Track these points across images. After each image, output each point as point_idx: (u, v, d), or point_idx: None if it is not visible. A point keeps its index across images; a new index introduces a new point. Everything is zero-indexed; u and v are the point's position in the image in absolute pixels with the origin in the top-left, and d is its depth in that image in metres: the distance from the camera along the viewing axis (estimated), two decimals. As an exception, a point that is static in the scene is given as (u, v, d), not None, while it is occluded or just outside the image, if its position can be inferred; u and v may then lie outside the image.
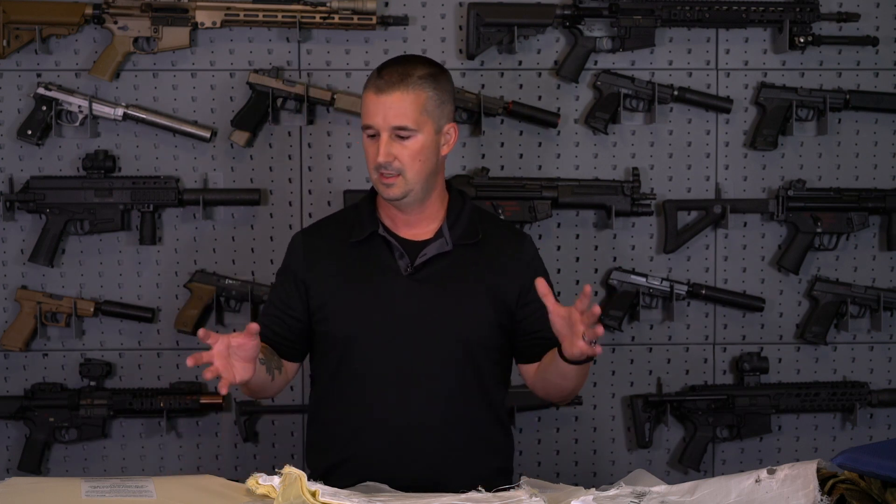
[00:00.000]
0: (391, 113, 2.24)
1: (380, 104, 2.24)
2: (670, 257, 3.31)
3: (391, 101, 2.24)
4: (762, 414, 3.28)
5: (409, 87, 2.25)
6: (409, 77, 2.26)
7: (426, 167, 2.28)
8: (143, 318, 3.21)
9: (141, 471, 3.22)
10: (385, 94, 2.24)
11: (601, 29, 3.23)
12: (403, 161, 2.25)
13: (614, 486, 1.85)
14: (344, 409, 2.34)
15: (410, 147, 2.25)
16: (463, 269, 2.32)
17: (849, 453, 1.70)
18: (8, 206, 3.14)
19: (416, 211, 2.33)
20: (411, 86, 2.25)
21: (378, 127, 2.25)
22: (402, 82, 2.25)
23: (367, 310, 2.30)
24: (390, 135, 2.24)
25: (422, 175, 2.28)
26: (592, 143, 3.28)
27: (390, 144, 2.24)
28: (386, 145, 2.24)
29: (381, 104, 2.24)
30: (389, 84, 2.25)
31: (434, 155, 2.30)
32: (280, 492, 1.79)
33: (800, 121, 3.27)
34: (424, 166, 2.27)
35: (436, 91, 2.28)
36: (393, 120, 2.24)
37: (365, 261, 2.33)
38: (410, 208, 2.32)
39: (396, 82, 2.25)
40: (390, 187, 2.26)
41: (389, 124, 2.24)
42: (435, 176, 2.32)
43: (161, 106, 3.20)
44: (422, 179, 2.28)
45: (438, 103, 2.29)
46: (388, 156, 2.24)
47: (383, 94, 2.24)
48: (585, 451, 3.34)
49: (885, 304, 3.30)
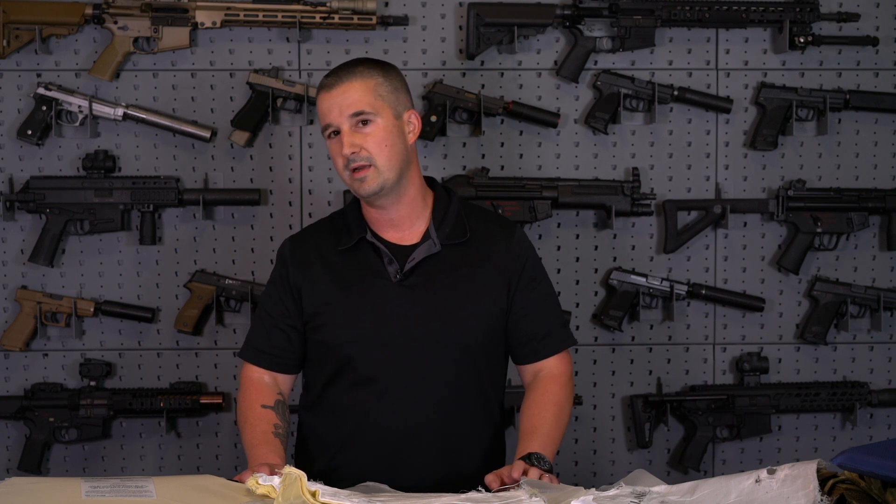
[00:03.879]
0: (345, 102, 2.23)
1: (332, 99, 2.25)
2: (670, 257, 3.31)
3: (342, 92, 2.24)
4: (762, 414, 3.28)
5: (356, 75, 2.26)
6: (356, 68, 2.28)
7: (395, 154, 2.26)
8: (143, 318, 3.21)
9: (141, 471, 3.22)
10: (335, 88, 2.25)
11: (601, 29, 3.23)
12: (370, 149, 2.23)
13: (614, 486, 1.85)
14: (338, 416, 2.33)
15: (373, 134, 2.24)
16: (453, 270, 2.31)
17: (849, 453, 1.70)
18: (8, 206, 3.14)
19: (396, 208, 2.30)
20: (358, 74, 2.26)
21: (336, 121, 2.24)
22: (349, 74, 2.27)
23: (359, 318, 2.29)
24: (350, 126, 2.23)
25: (392, 162, 2.25)
26: (592, 143, 3.28)
27: (353, 135, 2.23)
28: (349, 136, 2.23)
29: (333, 99, 2.24)
30: (338, 79, 2.26)
31: (400, 141, 2.27)
32: (280, 492, 1.79)
33: (800, 121, 3.27)
34: (393, 152, 2.25)
35: (385, 78, 2.29)
36: (348, 108, 2.23)
37: (355, 268, 2.31)
38: (390, 205, 2.29)
39: (344, 75, 2.26)
40: (364, 181, 2.24)
41: (346, 113, 2.23)
42: (408, 166, 2.30)
43: (161, 106, 3.20)
44: (394, 167, 2.26)
45: (391, 89, 2.28)
46: (352, 146, 2.22)
47: (334, 88, 2.25)
48: (585, 451, 3.34)
49: (885, 304, 3.31)
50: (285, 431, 2.31)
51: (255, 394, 2.34)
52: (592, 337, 3.31)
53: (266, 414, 2.31)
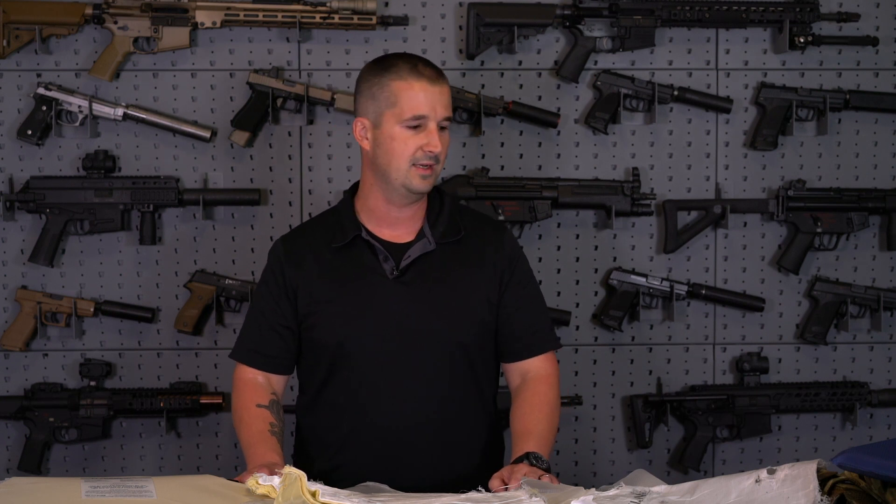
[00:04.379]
0: (440, 104, 2.26)
1: (433, 94, 2.26)
2: (670, 257, 3.31)
3: (440, 93, 2.27)
4: (762, 414, 3.28)
5: (446, 82, 2.30)
6: (443, 74, 2.31)
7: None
8: (143, 318, 3.21)
9: (141, 471, 3.22)
10: (436, 86, 2.27)
11: (601, 29, 3.23)
12: (442, 152, 2.28)
13: (614, 486, 1.85)
14: (336, 415, 2.33)
15: (446, 139, 2.29)
16: (448, 267, 2.32)
17: (849, 453, 1.70)
18: (8, 206, 3.14)
19: (411, 208, 2.33)
20: (446, 82, 2.30)
21: (430, 117, 2.26)
22: (441, 77, 2.30)
23: (355, 315, 2.29)
24: (437, 125, 2.26)
25: (442, 168, 2.32)
26: (592, 143, 3.28)
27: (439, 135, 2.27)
28: (436, 134, 2.26)
29: (433, 95, 2.26)
30: (435, 77, 2.28)
31: None
32: (280, 492, 1.79)
33: (800, 121, 3.27)
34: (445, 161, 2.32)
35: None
36: (442, 111, 2.27)
37: (349, 265, 2.32)
38: (412, 204, 2.32)
39: (439, 76, 2.29)
40: (427, 179, 2.27)
41: (440, 115, 2.26)
42: None
43: (161, 106, 3.20)
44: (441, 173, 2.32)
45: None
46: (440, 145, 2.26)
47: (435, 85, 2.27)
48: (585, 451, 3.34)
49: (885, 304, 3.31)
50: (281, 430, 2.31)
51: (250, 394, 2.34)
52: (592, 337, 3.31)
53: (261, 413, 2.31)
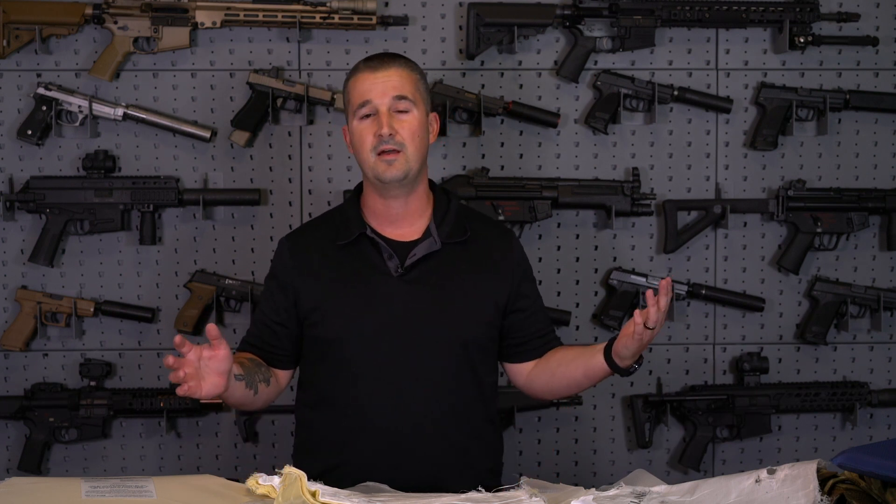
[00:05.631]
0: (390, 85, 2.25)
1: (377, 80, 2.26)
2: (670, 257, 3.31)
3: (387, 75, 2.26)
4: (762, 414, 3.28)
5: (401, 65, 2.29)
6: (398, 58, 2.31)
7: (421, 148, 2.29)
8: (143, 318, 3.21)
9: (141, 471, 3.22)
10: (380, 71, 2.26)
11: (601, 29, 3.23)
12: (404, 136, 2.25)
13: (614, 486, 1.85)
14: (337, 413, 2.33)
15: (409, 122, 2.26)
16: (453, 267, 2.32)
17: (849, 453, 1.70)
18: (8, 206, 3.14)
19: (405, 203, 2.32)
20: (403, 64, 2.30)
21: (377, 101, 2.25)
22: (395, 60, 2.29)
23: (359, 312, 2.29)
24: (389, 108, 2.25)
25: (418, 156, 2.29)
26: (592, 143, 3.28)
27: (390, 118, 2.25)
28: (387, 117, 2.24)
29: (377, 80, 2.26)
30: (382, 63, 2.28)
31: (426, 138, 2.32)
32: (280, 492, 1.79)
33: (800, 121, 3.27)
34: (420, 146, 2.29)
35: (421, 77, 2.34)
36: (392, 91, 2.25)
37: (354, 263, 2.32)
38: (402, 197, 2.31)
39: (390, 60, 2.29)
40: (392, 164, 2.25)
41: (389, 94, 2.25)
42: (424, 164, 2.33)
43: (161, 106, 3.20)
44: (418, 160, 2.29)
45: (425, 88, 2.34)
46: (390, 127, 2.24)
47: (378, 70, 2.26)
48: (585, 451, 3.34)
49: (885, 304, 3.30)
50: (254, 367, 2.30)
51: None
52: (592, 337, 3.31)
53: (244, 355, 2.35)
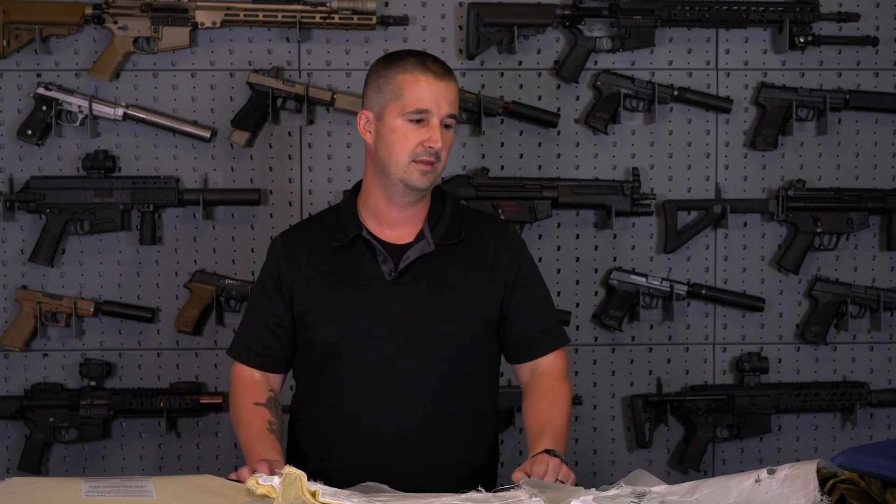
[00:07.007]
0: (446, 100, 2.25)
1: (438, 89, 2.24)
2: (670, 257, 3.31)
3: (447, 89, 2.25)
4: (762, 414, 3.28)
5: (453, 80, 2.29)
6: (451, 72, 2.29)
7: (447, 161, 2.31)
8: (143, 318, 3.21)
9: (141, 471, 3.23)
10: (443, 82, 2.25)
11: (601, 29, 3.23)
12: (444, 150, 2.26)
13: (614, 486, 1.85)
14: (329, 416, 2.32)
15: (449, 139, 2.28)
16: (447, 270, 2.30)
17: (849, 453, 1.70)
18: (8, 206, 3.14)
19: (413, 207, 2.31)
20: (454, 79, 2.29)
21: (433, 112, 2.24)
22: (449, 73, 2.28)
23: (351, 316, 2.28)
24: (440, 122, 2.25)
25: (444, 167, 2.30)
26: (592, 143, 3.28)
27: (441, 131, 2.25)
28: (439, 131, 2.24)
29: (439, 89, 2.24)
30: (443, 73, 2.26)
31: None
32: (280, 492, 1.79)
33: (800, 121, 3.27)
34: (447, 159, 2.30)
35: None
36: (447, 108, 2.25)
37: (348, 265, 2.30)
38: (415, 203, 2.31)
39: (447, 72, 2.28)
40: (426, 175, 2.25)
41: (444, 112, 2.25)
42: None
43: (161, 106, 3.20)
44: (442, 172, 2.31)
45: None
46: (441, 141, 2.24)
47: (442, 80, 2.25)
48: (585, 451, 3.34)
49: (885, 304, 3.31)
50: (279, 428, 2.30)
51: (248, 392, 2.34)
52: (592, 337, 3.31)
53: (259, 411, 2.31)
